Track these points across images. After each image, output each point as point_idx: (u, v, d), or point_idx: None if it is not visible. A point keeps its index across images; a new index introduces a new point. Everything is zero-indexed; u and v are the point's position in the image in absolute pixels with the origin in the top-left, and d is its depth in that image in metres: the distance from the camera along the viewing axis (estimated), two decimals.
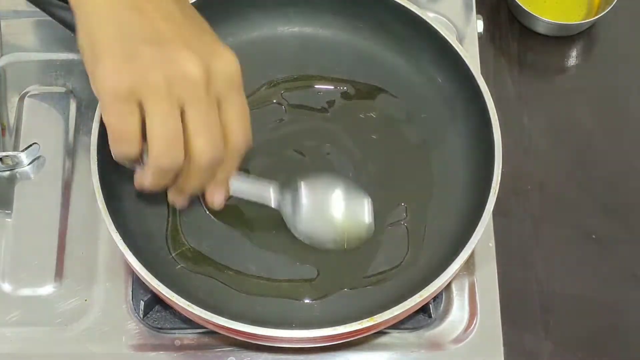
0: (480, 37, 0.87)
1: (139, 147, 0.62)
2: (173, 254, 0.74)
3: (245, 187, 0.71)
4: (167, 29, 0.60)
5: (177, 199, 0.68)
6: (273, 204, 0.72)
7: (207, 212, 0.75)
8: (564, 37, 0.92)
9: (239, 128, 0.64)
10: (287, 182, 0.72)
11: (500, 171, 0.71)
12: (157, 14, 0.60)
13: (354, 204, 0.73)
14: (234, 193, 0.70)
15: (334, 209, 0.72)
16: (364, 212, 0.73)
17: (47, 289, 0.77)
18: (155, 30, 0.60)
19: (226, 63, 0.62)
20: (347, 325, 0.67)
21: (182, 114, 0.60)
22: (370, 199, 0.73)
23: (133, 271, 0.70)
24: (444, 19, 0.87)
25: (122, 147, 0.62)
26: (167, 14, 0.61)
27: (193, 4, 0.76)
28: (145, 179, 0.65)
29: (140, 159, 0.64)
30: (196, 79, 0.60)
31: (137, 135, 0.61)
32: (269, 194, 0.72)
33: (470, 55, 0.77)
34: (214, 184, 0.67)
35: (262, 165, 0.77)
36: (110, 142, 0.62)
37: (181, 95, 0.60)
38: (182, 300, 0.67)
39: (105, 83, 0.59)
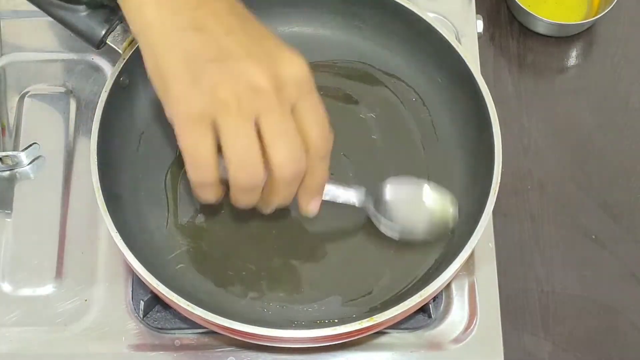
0: (480, 37, 0.87)
1: (215, 171, 0.60)
2: (173, 254, 0.74)
3: (337, 192, 0.70)
4: (229, 43, 0.59)
5: (265, 209, 0.66)
6: (359, 205, 0.72)
7: (207, 212, 0.75)
8: (563, 37, 0.92)
9: (317, 132, 0.62)
10: (371, 186, 0.72)
11: (500, 171, 0.71)
12: (219, 29, 0.59)
13: (436, 197, 0.73)
14: (327, 197, 0.69)
15: (417, 203, 0.72)
16: (446, 202, 0.72)
17: (47, 289, 0.77)
18: (218, 47, 0.58)
19: (293, 67, 0.60)
20: (347, 325, 0.67)
21: (258, 127, 0.59)
22: (453, 197, 0.73)
23: (133, 271, 0.70)
24: (444, 19, 0.87)
25: (199, 173, 0.60)
26: (229, 28, 0.59)
27: None
28: (233, 199, 0.63)
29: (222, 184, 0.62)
30: (264, 89, 0.58)
31: (213, 158, 0.59)
32: (359, 197, 0.71)
33: (470, 55, 0.77)
34: (305, 193, 0.65)
35: None
36: (187, 170, 0.61)
37: (253, 108, 0.58)
38: (182, 300, 0.67)
39: (177, 108, 0.58)
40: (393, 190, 0.72)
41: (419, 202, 0.72)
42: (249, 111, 0.58)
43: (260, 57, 0.59)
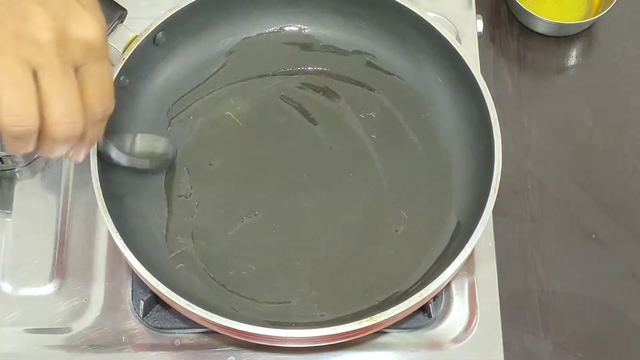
0: (480, 36, 0.87)
1: None
2: (173, 254, 0.74)
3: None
4: None
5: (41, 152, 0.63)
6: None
7: (207, 212, 0.75)
8: (563, 37, 0.92)
9: (96, 96, 0.60)
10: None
11: (500, 171, 0.71)
12: None
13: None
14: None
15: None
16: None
17: (47, 289, 0.77)
18: None
19: (86, 28, 0.57)
20: (347, 325, 0.67)
21: (36, 77, 0.57)
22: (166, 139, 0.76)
23: (133, 271, 0.70)
24: (444, 19, 0.87)
25: None
26: None
27: (192, 4, 0.77)
28: (5, 144, 0.60)
29: None
30: (44, 43, 0.56)
31: None
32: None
33: (470, 55, 0.77)
34: (75, 149, 0.63)
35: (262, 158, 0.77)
36: None
37: (30, 59, 0.56)
38: (182, 300, 0.67)
39: None
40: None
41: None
42: (25, 60, 0.56)
43: (53, 8, 0.56)
